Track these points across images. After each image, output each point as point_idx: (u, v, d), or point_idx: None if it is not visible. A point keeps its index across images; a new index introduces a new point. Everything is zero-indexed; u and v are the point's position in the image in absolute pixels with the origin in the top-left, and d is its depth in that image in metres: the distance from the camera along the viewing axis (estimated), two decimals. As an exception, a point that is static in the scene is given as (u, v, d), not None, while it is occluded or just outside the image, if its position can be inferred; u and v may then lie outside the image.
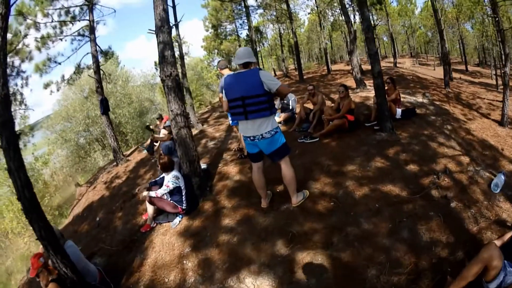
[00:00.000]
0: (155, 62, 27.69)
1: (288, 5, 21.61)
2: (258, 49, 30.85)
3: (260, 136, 4.34)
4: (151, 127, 10.48)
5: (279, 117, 9.72)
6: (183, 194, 5.45)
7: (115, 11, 11.87)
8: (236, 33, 27.54)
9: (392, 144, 6.87)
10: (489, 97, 12.94)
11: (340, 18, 30.34)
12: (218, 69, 6.71)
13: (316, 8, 26.72)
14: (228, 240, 4.77)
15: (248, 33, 26.31)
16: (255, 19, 31.86)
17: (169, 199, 5.40)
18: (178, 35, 12.59)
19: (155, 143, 10.38)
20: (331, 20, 35.34)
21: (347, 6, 14.19)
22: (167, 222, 5.57)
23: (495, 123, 9.40)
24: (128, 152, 13.96)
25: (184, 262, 4.65)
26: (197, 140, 9.85)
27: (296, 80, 21.54)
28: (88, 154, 22.30)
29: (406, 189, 5.26)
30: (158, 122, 11.56)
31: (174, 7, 12.28)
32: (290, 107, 9.99)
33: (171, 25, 5.82)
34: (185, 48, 28.47)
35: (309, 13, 29.82)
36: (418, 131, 7.47)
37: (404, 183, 5.44)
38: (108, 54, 13.70)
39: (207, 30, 27.96)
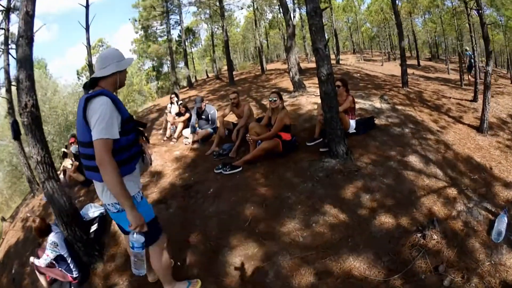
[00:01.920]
0: (77, 71, 25.48)
1: (220, 1, 20.08)
2: (190, 50, 29.60)
3: (107, 206, 2.86)
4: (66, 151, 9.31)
5: (193, 135, 8.12)
6: (69, 261, 4.70)
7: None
8: (167, 34, 25.60)
9: (348, 177, 5.00)
10: (455, 95, 11.78)
11: (279, 15, 29.75)
12: None
13: (252, 4, 25.74)
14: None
15: (179, 33, 25.20)
16: (188, 19, 30.57)
17: (56, 266, 4.74)
18: (88, 39, 11.28)
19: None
20: (269, 17, 34.78)
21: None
22: (61, 292, 4.85)
23: (473, 130, 7.93)
24: None
25: None
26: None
27: (226, 82, 20.11)
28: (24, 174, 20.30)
29: (378, 265, 3.56)
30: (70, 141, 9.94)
31: (87, 6, 10.98)
32: (210, 121, 8.20)
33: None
34: None
35: (242, 8, 28.55)
36: (384, 153, 5.67)
37: (373, 252, 3.72)
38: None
39: (136, 32, 26.29)
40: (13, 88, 10.69)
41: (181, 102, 9.89)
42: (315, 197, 4.60)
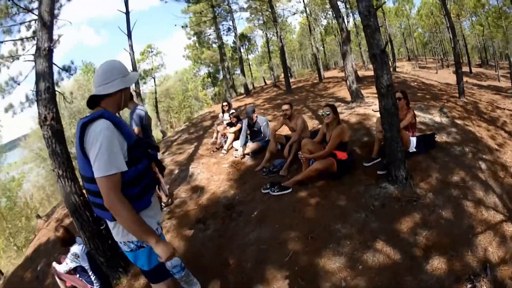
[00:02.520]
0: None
1: (271, 6, 19.72)
2: (246, 57, 29.31)
3: (120, 244, 2.49)
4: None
5: (244, 147, 7.71)
6: (89, 273, 4.68)
7: (70, 23, 10.48)
8: (217, 40, 25.49)
9: (406, 207, 4.33)
10: (509, 106, 10.93)
11: (333, 21, 29.00)
12: None
13: (305, 9, 25.16)
14: None
15: (234, 40, 25.14)
16: (242, 25, 30.46)
17: (78, 276, 4.74)
18: (130, 45, 11.17)
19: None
20: (324, 23, 34.18)
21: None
22: (82, 300, 4.87)
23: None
24: None
25: None
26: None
27: (284, 90, 19.34)
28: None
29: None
30: None
31: (127, 12, 10.96)
32: (262, 134, 7.69)
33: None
34: (158, 60, 26.97)
35: (295, 14, 27.94)
36: (445, 178, 4.88)
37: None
38: (70, 70, 12.45)
39: (189, 38, 26.32)
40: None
41: (233, 111, 9.54)
42: (367, 231, 4.02)
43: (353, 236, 3.98)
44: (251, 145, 7.56)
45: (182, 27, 21.75)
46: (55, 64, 10.43)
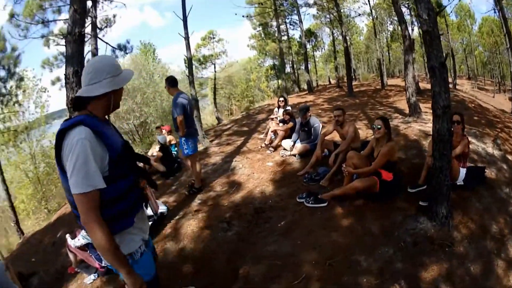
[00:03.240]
0: (184, 60, 26.69)
1: (337, 5, 19.03)
2: (312, 53, 28.70)
3: None
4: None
5: (292, 148, 7.42)
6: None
7: (125, 5, 11.89)
8: (286, 34, 25.10)
9: (437, 252, 3.83)
10: None
11: (399, 28, 27.00)
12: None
13: (371, 12, 24.03)
14: None
15: (300, 34, 24.52)
16: (309, 21, 29.83)
17: (88, 252, 4.83)
18: (186, 32, 10.84)
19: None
20: (390, 29, 32.43)
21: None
22: (87, 273, 5.06)
23: None
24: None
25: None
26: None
27: (346, 92, 18.85)
28: None
29: None
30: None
31: None
32: (312, 136, 7.21)
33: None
34: (220, 47, 26.90)
35: (359, 15, 26.71)
36: (485, 224, 4.30)
37: None
38: (126, 49, 13.81)
39: (254, 28, 26.21)
40: None
41: (288, 108, 9.16)
42: (389, 272, 3.58)
43: (372, 273, 3.56)
44: (299, 146, 7.22)
45: (243, 16, 21.60)
46: (108, 44, 11.15)
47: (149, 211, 4.93)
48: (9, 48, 13.53)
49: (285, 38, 26.13)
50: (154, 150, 8.71)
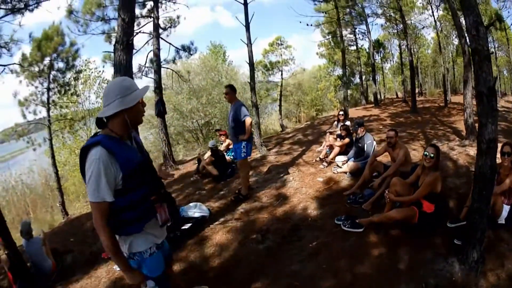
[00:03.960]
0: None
1: (402, 16, 18.16)
2: (381, 65, 27.85)
3: None
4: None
5: (343, 165, 7.31)
6: None
7: (187, 6, 12.82)
8: (355, 44, 24.57)
9: None
10: None
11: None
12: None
13: (435, 25, 22.29)
14: None
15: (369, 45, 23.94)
16: (377, 31, 28.74)
17: None
18: (248, 38, 10.99)
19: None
20: (456, 42, 29.81)
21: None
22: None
23: None
24: (188, 158, 13.87)
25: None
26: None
27: (410, 108, 18.03)
28: (171, 144, 22.30)
29: None
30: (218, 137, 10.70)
31: (245, 4, 10.86)
32: (364, 154, 6.95)
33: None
34: (288, 53, 26.53)
35: (424, 28, 25.03)
36: None
37: None
38: (190, 50, 14.03)
39: (324, 37, 25.60)
40: (162, 70, 12.48)
41: (347, 122, 9.03)
42: None
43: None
44: (350, 164, 7.06)
45: (307, 24, 21.37)
46: (171, 45, 11.85)
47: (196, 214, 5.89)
48: (68, 42, 14.85)
49: (353, 48, 25.65)
50: (207, 154, 9.04)
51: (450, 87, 22.87)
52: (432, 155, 4.53)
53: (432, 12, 21.81)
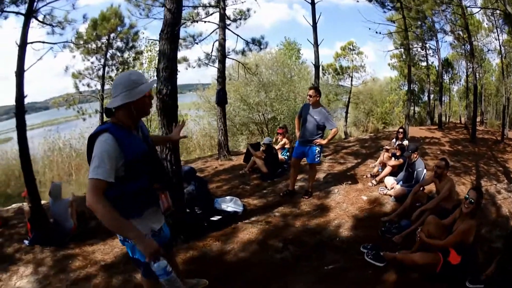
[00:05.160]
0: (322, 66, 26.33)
1: (469, 35, 16.76)
2: (449, 87, 26.56)
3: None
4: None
5: (391, 188, 7.01)
6: None
7: (256, 1, 12.52)
8: (425, 60, 23.55)
9: None
10: None
11: None
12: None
13: (500, 49, 20.33)
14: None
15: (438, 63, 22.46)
16: (447, 49, 27.24)
17: None
18: (315, 38, 11.01)
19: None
20: None
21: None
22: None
23: None
24: (244, 150, 13.56)
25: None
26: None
27: (467, 137, 17.13)
28: (234, 134, 22.80)
29: None
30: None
31: (313, 3, 10.92)
32: (414, 180, 6.55)
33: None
34: (359, 60, 25.86)
35: (488, 51, 23.08)
36: None
37: None
38: (260, 44, 14.13)
39: (396, 48, 24.51)
40: (227, 60, 12.65)
41: (405, 141, 8.74)
42: None
43: None
44: (397, 188, 6.75)
45: (376, 32, 20.73)
46: (239, 36, 12.06)
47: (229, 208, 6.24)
48: (128, 24, 16.14)
49: (424, 63, 24.37)
50: (260, 149, 9.13)
51: (509, 120, 21.37)
52: (472, 200, 4.15)
53: (498, 35, 20.23)
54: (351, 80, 25.77)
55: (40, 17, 7.71)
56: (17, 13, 6.86)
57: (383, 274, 4.31)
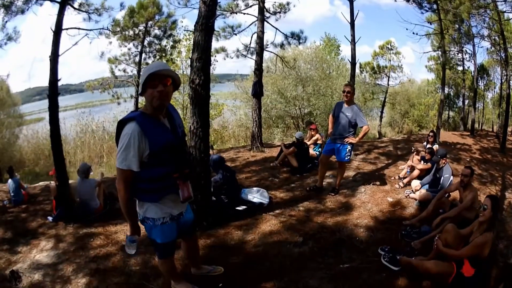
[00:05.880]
0: (360, 64, 26.20)
1: (504, 41, 15.95)
2: (483, 93, 25.74)
3: None
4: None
5: (416, 191, 7.01)
6: None
7: None
8: (462, 64, 22.65)
9: None
10: None
11: None
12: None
13: None
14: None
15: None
16: (483, 55, 26.29)
17: None
18: (353, 35, 11.03)
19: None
20: None
21: None
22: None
23: None
24: (278, 143, 14.01)
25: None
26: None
27: (497, 146, 16.66)
28: (270, 126, 23.23)
29: None
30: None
31: (351, 0, 10.86)
32: (440, 186, 6.53)
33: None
34: (397, 60, 25.24)
35: None
36: None
37: None
38: (300, 38, 14.24)
39: (434, 50, 23.91)
40: (266, 53, 12.93)
41: (435, 145, 8.72)
42: None
43: None
44: (422, 192, 6.72)
45: (412, 33, 20.17)
46: (278, 29, 12.54)
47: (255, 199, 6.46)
48: (166, 13, 16.52)
49: (460, 68, 23.45)
50: (293, 143, 9.30)
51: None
52: (485, 206, 3.99)
53: (532, 42, 18.81)
54: (388, 80, 25.34)
55: (76, 4, 7.96)
56: (52, 0, 7.09)
57: (397, 279, 4.28)
